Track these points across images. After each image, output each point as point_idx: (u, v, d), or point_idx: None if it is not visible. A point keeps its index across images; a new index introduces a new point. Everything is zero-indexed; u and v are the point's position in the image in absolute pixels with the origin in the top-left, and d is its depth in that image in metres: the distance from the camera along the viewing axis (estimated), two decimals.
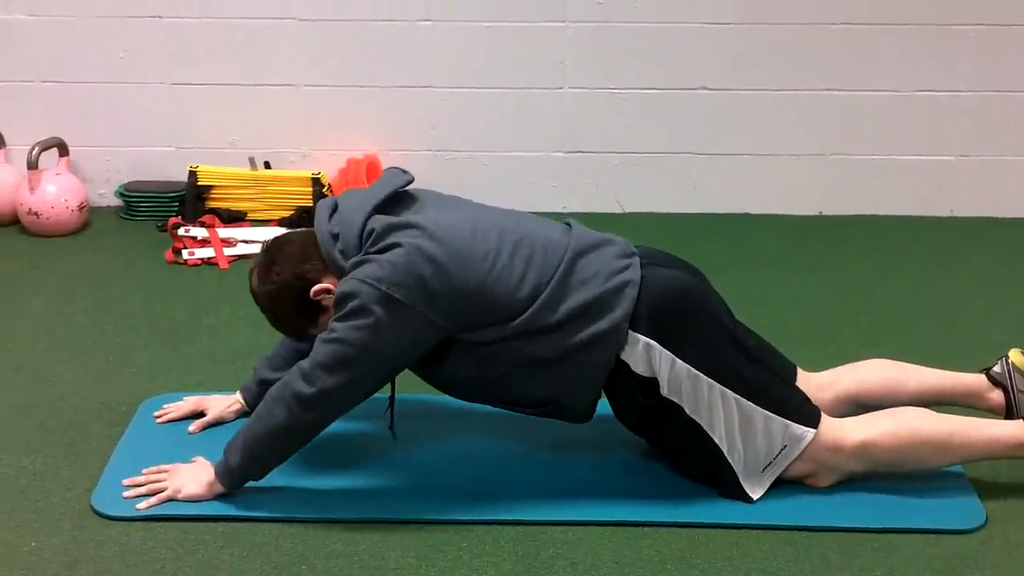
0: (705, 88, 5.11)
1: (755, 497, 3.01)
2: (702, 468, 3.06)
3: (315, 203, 4.96)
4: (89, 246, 4.86)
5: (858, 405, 3.17)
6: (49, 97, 5.13)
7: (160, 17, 5.05)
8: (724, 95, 5.11)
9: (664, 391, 2.95)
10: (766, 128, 5.15)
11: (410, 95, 5.13)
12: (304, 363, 2.91)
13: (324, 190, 5.01)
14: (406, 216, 2.96)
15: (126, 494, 3.01)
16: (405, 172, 3.11)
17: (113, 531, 2.91)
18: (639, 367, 2.95)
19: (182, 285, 4.45)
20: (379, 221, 2.92)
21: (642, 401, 2.99)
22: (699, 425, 2.97)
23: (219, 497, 2.99)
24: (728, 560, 2.84)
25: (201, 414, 3.38)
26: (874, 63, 5.06)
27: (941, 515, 2.98)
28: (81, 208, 4.96)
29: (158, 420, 3.38)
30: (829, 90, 5.09)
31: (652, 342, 2.93)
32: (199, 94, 5.13)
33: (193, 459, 3.09)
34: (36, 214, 4.88)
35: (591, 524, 2.95)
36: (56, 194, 4.90)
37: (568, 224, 3.13)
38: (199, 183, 5.02)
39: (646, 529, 2.94)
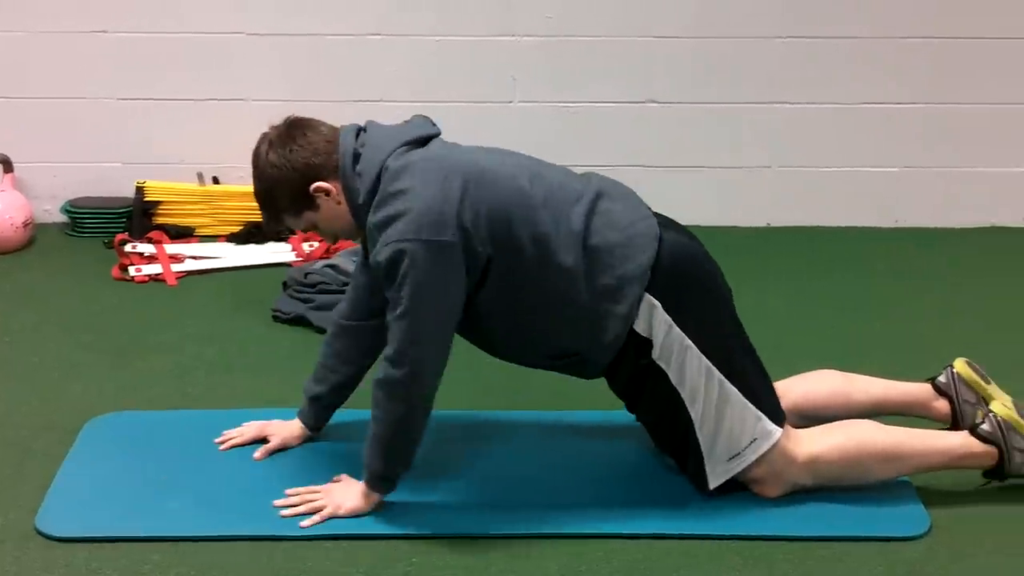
0: (654, 101, 5.13)
1: (712, 486, 3.02)
2: (673, 441, 3.06)
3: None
4: (35, 263, 4.81)
5: (806, 416, 3.18)
6: None
7: (106, 32, 5.02)
8: (673, 108, 5.13)
9: (655, 354, 2.95)
10: (714, 140, 5.17)
11: (360, 109, 5.02)
12: (388, 349, 2.89)
13: None
14: (426, 151, 2.96)
15: (283, 512, 3.01)
16: (434, 124, 3.11)
17: (58, 552, 2.88)
18: (639, 326, 2.94)
19: (129, 302, 4.42)
20: (398, 161, 2.91)
21: (634, 359, 2.98)
22: (680, 397, 2.97)
23: (378, 506, 3.01)
24: (677, 571, 2.85)
25: (264, 440, 3.32)
26: (820, 76, 5.09)
27: (887, 523, 3.00)
28: (26, 225, 4.92)
29: (221, 447, 3.31)
30: (776, 103, 5.12)
31: (656, 302, 2.93)
32: (146, 109, 5.10)
33: (336, 478, 3.10)
34: None
35: (539, 537, 2.95)
36: (1, 211, 4.86)
37: (587, 174, 3.15)
38: (146, 199, 5.00)
39: (598, 541, 2.94)
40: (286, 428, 3.32)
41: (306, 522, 2.97)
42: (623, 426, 3.35)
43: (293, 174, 2.97)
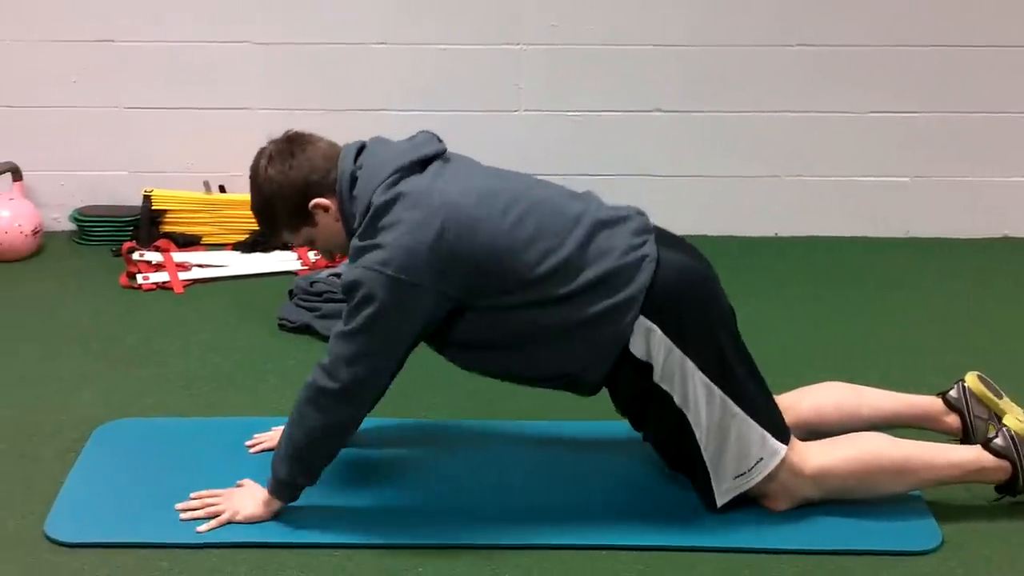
0: (659, 110, 5.12)
1: (719, 503, 3.01)
2: (681, 460, 3.05)
3: None
4: (43, 271, 4.81)
5: (814, 430, 3.16)
6: (2, 122, 5.09)
7: (113, 41, 5.02)
8: (678, 117, 5.13)
9: (657, 377, 2.93)
10: (720, 149, 5.17)
11: (365, 118, 5.11)
12: (324, 359, 2.90)
13: None
14: (418, 181, 2.93)
15: (183, 516, 3.01)
16: (440, 141, 3.08)
17: (67, 558, 2.89)
18: (638, 350, 2.92)
19: (136, 310, 4.42)
20: (385, 193, 2.88)
21: (635, 382, 2.96)
22: (685, 418, 2.95)
23: (277, 513, 3.00)
24: None
25: None
26: (827, 84, 5.08)
27: (898, 537, 2.99)
28: (35, 233, 4.92)
29: (252, 450, 3.33)
30: (783, 111, 5.11)
31: (653, 326, 2.90)
32: (153, 118, 5.10)
33: (239, 482, 3.09)
34: None
35: (542, 548, 2.94)
36: (10, 219, 4.86)
37: (586, 193, 3.11)
38: (153, 207, 5.00)
39: (602, 552, 2.93)
40: None
41: (203, 527, 2.97)
42: (629, 438, 3.36)
43: (292, 190, 2.97)
